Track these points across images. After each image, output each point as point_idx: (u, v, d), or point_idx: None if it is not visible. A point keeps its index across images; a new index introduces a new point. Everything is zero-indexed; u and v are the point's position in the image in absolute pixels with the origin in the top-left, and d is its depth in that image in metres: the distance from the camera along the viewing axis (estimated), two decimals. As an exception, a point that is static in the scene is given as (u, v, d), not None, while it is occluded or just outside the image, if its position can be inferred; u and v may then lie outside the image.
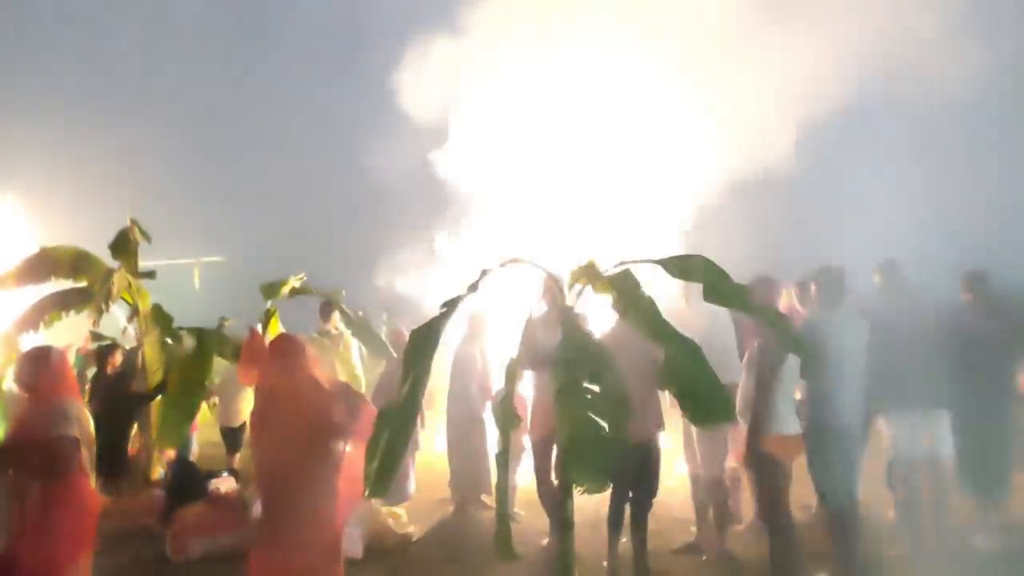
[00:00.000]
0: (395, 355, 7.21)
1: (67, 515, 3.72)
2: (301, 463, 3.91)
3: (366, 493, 3.59)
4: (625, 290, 3.83)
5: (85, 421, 3.87)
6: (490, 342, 7.46)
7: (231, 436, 8.49)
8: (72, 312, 7.95)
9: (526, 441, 6.58)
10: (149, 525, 6.72)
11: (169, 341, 8.35)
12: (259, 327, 7.47)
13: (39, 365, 3.88)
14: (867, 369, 5.19)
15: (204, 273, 22.00)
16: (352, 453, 4.00)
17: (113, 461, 7.03)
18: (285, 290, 7.02)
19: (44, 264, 7.89)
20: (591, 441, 3.31)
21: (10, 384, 9.27)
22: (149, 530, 6.63)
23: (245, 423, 7.84)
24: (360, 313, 7.55)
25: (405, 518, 6.53)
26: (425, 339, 3.90)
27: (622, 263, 3.93)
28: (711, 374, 3.60)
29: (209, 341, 7.06)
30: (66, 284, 8.07)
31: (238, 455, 8.42)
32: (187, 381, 6.62)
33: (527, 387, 6.42)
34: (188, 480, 6.95)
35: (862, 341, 5.18)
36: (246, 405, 7.90)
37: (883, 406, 5.62)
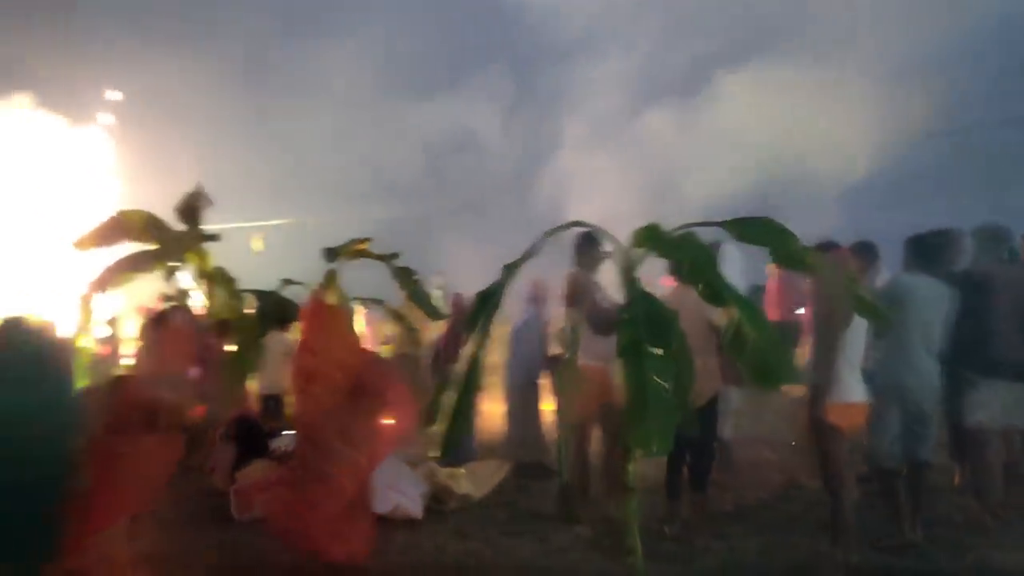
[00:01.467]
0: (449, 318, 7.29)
1: (143, 473, 3.83)
2: (338, 417, 4.40)
3: (434, 453, 3.74)
4: (689, 253, 3.79)
5: (189, 386, 4.01)
6: (551, 307, 7.46)
7: (271, 403, 8.42)
8: (143, 274, 8.17)
9: None
10: (212, 483, 6.89)
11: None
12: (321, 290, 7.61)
13: (160, 327, 4.06)
14: (951, 336, 5.12)
15: (272, 236, 22.47)
16: (384, 415, 4.47)
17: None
18: (346, 253, 7.07)
19: (118, 227, 8.10)
20: (655, 404, 3.30)
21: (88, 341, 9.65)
22: (213, 488, 6.79)
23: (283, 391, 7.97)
24: (415, 276, 7.60)
25: (465, 479, 6.60)
26: (487, 301, 3.93)
27: (685, 225, 3.88)
28: (775, 337, 3.58)
29: (269, 303, 7.20)
30: (137, 247, 8.29)
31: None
32: (246, 342, 6.77)
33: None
34: (251, 438, 7.09)
35: (943, 307, 5.08)
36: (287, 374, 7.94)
37: (967, 374, 5.47)
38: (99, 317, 9.74)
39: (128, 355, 9.17)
